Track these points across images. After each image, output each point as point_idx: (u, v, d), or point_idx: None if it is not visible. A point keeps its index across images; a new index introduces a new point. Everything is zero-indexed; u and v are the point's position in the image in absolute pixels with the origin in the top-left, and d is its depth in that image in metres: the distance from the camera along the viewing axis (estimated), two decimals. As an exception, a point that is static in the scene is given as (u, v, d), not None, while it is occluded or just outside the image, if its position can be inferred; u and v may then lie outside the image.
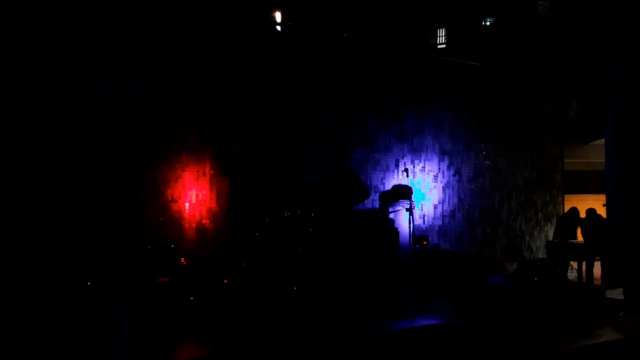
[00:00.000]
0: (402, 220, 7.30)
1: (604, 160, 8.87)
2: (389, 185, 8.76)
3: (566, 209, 10.61)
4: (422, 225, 9.15)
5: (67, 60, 6.35)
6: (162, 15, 7.06)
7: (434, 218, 9.35)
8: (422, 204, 9.20)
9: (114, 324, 4.33)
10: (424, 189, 9.28)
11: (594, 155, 11.67)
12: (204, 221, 7.20)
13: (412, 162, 9.18)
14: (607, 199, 8.74)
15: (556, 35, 11.76)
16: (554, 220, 10.68)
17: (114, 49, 6.67)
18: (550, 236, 10.22)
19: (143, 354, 3.70)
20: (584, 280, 8.11)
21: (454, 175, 9.67)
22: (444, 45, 12.31)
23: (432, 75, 9.53)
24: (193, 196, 7.16)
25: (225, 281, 6.32)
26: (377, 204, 8.44)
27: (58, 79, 6.29)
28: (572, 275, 8.67)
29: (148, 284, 6.04)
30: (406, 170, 6.78)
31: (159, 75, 6.98)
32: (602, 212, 8.70)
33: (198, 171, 7.20)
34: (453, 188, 9.64)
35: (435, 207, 9.39)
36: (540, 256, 10.45)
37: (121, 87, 6.70)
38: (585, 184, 12.55)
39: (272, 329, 4.33)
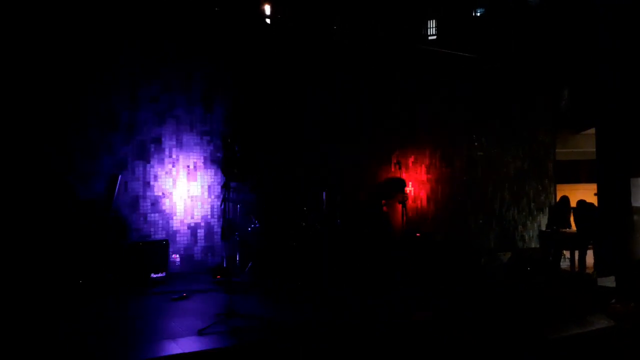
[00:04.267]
0: (395, 212, 7.33)
1: (595, 150, 8.90)
2: (381, 178, 8.76)
3: (558, 198, 10.69)
4: (414, 216, 9.17)
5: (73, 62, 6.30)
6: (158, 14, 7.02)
7: (427, 209, 9.37)
8: (414, 195, 9.21)
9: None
10: (415, 180, 9.29)
11: (585, 144, 11.70)
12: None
13: (404, 154, 9.18)
14: (598, 188, 8.78)
15: (548, 24, 11.76)
16: (547, 210, 10.73)
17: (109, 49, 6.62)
18: (543, 226, 10.28)
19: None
20: (577, 269, 8.18)
21: (446, 166, 9.68)
22: (434, 37, 12.30)
23: (424, 67, 9.51)
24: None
25: (219, 276, 6.33)
26: (370, 197, 8.45)
27: (59, 80, 6.24)
28: (564, 264, 8.74)
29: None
30: (399, 162, 6.77)
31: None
32: (593, 201, 8.75)
33: (188, 166, 7.23)
34: (445, 178, 9.66)
35: (428, 197, 9.41)
36: (533, 246, 10.51)
37: (113, 84, 6.66)
38: (577, 174, 12.60)
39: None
